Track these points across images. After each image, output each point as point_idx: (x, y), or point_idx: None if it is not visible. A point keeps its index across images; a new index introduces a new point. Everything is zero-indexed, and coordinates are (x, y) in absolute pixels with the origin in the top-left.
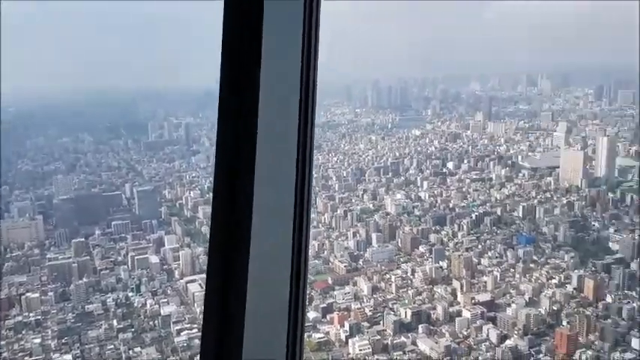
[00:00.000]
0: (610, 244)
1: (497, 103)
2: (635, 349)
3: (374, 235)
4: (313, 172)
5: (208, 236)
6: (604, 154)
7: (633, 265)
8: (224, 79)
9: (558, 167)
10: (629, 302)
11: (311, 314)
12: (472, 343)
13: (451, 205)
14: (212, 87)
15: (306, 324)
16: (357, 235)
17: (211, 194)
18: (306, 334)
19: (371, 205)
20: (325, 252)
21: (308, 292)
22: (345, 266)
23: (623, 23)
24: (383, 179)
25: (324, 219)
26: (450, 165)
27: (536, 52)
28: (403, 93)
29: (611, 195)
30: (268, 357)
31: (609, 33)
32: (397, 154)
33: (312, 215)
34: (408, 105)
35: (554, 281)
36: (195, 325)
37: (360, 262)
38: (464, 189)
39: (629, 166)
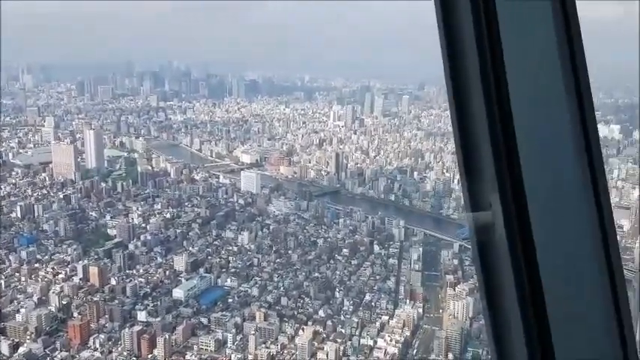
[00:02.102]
0: (108, 230)
1: None
2: (142, 321)
3: None
4: None
5: None
6: (93, 147)
7: (131, 246)
8: None
9: (51, 162)
10: (131, 280)
11: None
12: None
13: None
14: None
15: None
16: None
17: None
18: None
19: None
20: None
21: None
22: None
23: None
24: None
25: None
26: None
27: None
28: None
29: (103, 184)
30: None
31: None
32: None
33: None
34: None
35: (61, 276)
36: None
37: None
38: None
39: (116, 156)
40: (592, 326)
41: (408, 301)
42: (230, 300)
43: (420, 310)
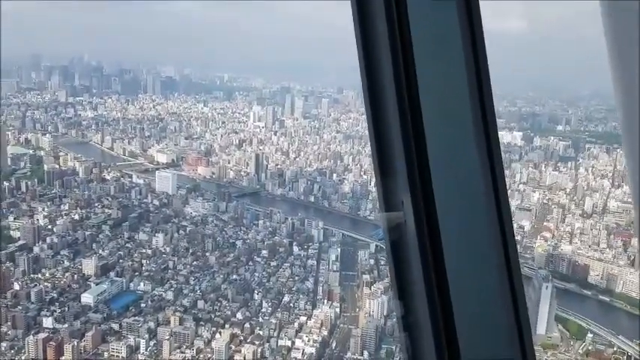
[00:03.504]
0: (11, 232)
1: None
2: (49, 327)
3: None
4: None
5: None
6: None
7: (36, 249)
8: None
9: None
10: (36, 285)
11: None
12: None
13: None
14: None
15: None
16: None
17: None
18: None
19: None
20: None
21: None
22: None
23: None
24: None
25: None
26: None
27: None
28: None
29: (6, 184)
30: None
31: None
32: None
33: None
34: None
35: None
36: None
37: None
38: None
39: (21, 154)
40: (494, 323)
41: (325, 301)
42: (143, 304)
43: (338, 310)
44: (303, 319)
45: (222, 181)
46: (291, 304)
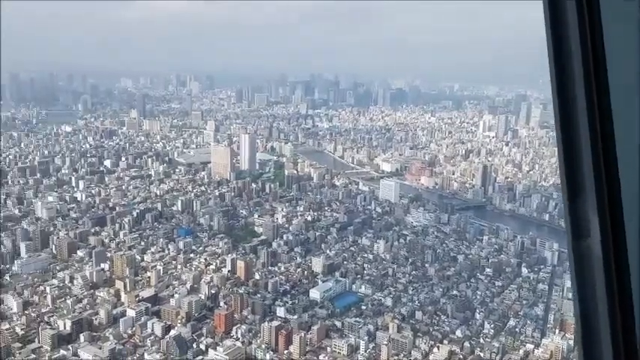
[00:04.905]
0: (255, 227)
1: (150, 101)
2: (281, 317)
3: (22, 245)
4: None
5: None
6: (247, 150)
7: (274, 244)
8: None
9: (210, 162)
10: (273, 277)
11: None
12: (137, 341)
13: (111, 204)
14: None
15: None
16: (2, 246)
17: None
18: None
19: (17, 211)
20: None
21: None
22: None
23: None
24: (30, 181)
25: None
26: (108, 163)
27: (182, 54)
28: (48, 85)
29: (254, 185)
30: None
31: (243, 39)
32: (46, 152)
33: None
34: (55, 99)
35: (211, 267)
36: None
37: (7, 278)
38: (123, 187)
39: (266, 159)
40: None
41: (557, 331)
42: (363, 307)
43: (572, 342)
44: (529, 346)
45: (445, 192)
46: (517, 330)
